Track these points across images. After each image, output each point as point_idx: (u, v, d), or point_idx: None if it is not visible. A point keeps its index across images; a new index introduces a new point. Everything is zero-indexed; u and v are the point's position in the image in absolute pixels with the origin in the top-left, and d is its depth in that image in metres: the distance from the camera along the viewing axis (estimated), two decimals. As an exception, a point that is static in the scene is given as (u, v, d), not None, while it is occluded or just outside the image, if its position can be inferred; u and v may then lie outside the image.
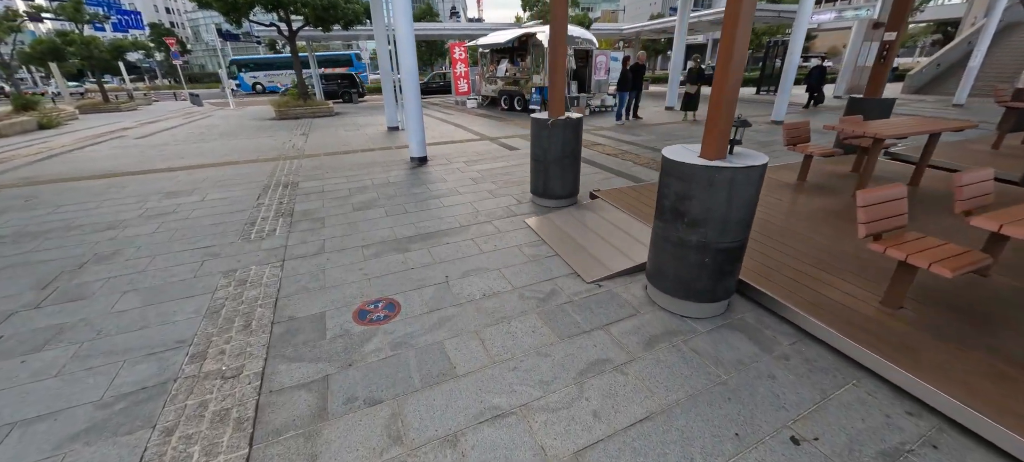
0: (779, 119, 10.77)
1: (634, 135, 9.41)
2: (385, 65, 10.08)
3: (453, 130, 10.60)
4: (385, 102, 10.70)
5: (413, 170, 6.54)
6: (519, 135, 9.53)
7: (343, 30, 15.36)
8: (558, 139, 4.47)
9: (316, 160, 7.38)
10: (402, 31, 6.14)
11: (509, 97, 14.73)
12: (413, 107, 6.61)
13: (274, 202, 5.10)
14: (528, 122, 11.43)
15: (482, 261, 3.50)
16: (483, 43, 14.82)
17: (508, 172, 6.31)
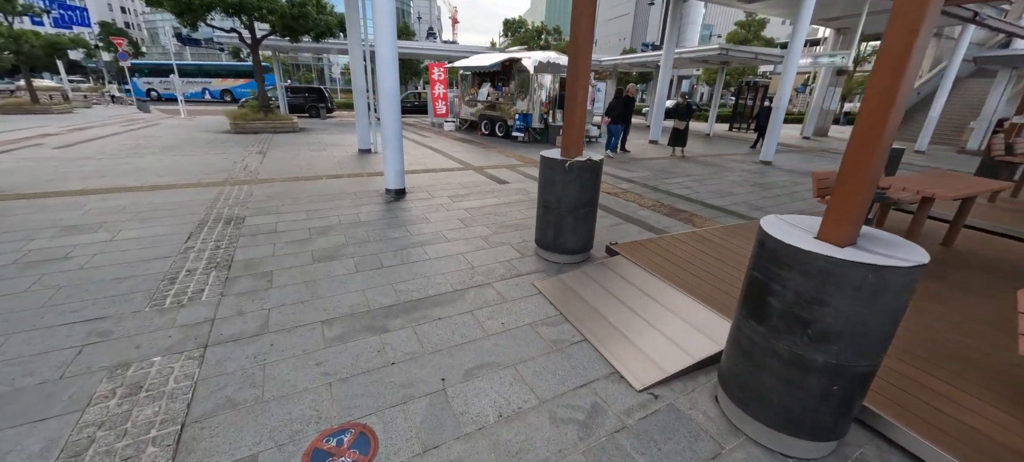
0: (767, 159, 10.60)
1: (628, 170, 8.85)
2: (359, 83, 9.13)
3: (431, 156, 9.69)
4: (357, 122, 9.68)
5: (389, 205, 5.57)
6: (506, 165, 8.75)
7: (314, 42, 14.29)
8: (575, 185, 3.69)
9: (271, 187, 6.26)
10: (384, 49, 5.28)
11: (490, 122, 14.04)
12: (392, 133, 5.70)
13: (209, 245, 3.99)
14: (513, 150, 10.71)
15: (489, 350, 2.60)
16: (465, 65, 14.16)
17: (501, 212, 5.47)
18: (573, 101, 3.66)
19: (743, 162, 10.80)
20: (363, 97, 9.28)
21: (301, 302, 3.06)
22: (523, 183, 7.17)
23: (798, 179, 8.81)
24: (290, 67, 68.13)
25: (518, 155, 10.18)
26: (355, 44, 8.90)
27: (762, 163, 10.60)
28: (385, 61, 5.36)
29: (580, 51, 3.50)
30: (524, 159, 9.63)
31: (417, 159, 9.12)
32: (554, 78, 12.46)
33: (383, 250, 4.05)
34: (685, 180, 8.18)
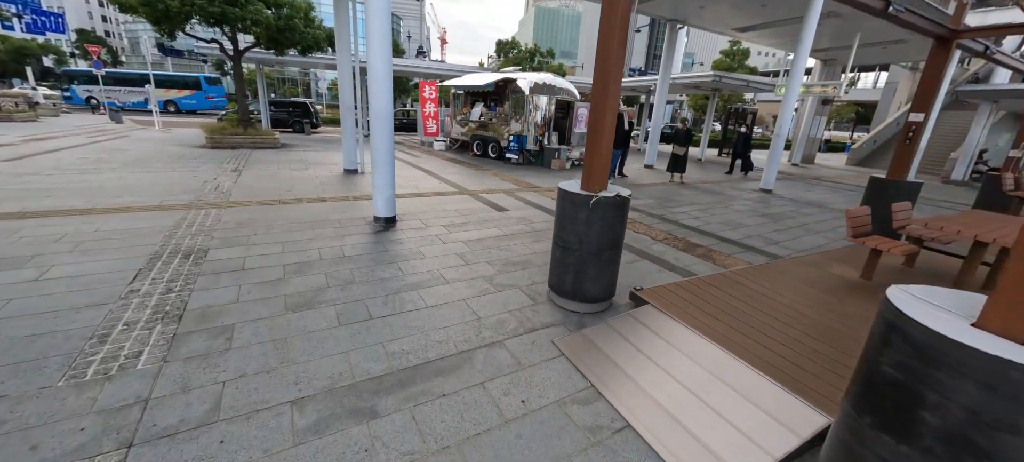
0: (767, 186, 10.38)
1: (633, 197, 8.45)
2: (347, 99, 8.58)
3: (423, 178, 9.13)
4: (343, 140, 9.08)
5: (378, 236, 4.96)
6: (502, 189, 8.24)
7: (300, 56, 13.73)
8: (601, 225, 3.18)
9: (244, 212, 5.58)
10: (378, 65, 4.79)
11: (483, 142, 13.60)
12: (383, 155, 5.15)
13: (158, 288, 3.32)
14: (508, 173, 10.23)
15: (510, 446, 2.01)
16: (458, 84, 13.78)
17: (504, 245, 4.92)
18: (598, 128, 3.18)
19: (743, 190, 10.55)
20: (350, 114, 8.72)
21: (267, 371, 2.42)
22: (524, 211, 6.66)
23: (804, 209, 8.54)
24: (276, 81, 67.43)
25: (514, 178, 9.70)
26: (344, 59, 8.38)
27: (762, 191, 10.36)
28: (379, 78, 4.84)
29: (610, 72, 3.04)
30: (521, 183, 9.15)
31: (408, 181, 8.55)
32: (550, 100, 12.14)
33: (371, 295, 3.44)
34: (691, 209, 7.80)
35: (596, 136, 3.19)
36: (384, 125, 5.04)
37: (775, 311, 3.41)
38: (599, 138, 3.18)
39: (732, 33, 13.36)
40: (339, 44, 8.38)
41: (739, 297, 3.65)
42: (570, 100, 12.84)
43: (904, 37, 12.96)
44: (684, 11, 11.90)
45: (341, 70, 8.44)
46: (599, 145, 3.19)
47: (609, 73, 3.04)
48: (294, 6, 12.26)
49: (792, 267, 4.63)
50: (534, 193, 8.14)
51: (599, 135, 3.17)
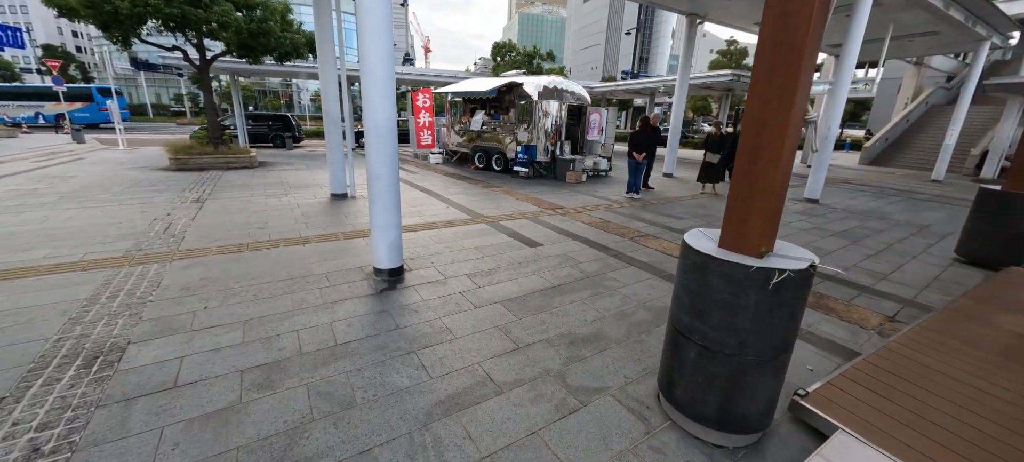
0: (814, 196, 9.24)
1: (673, 216, 7.20)
2: (332, 111, 7.19)
3: (425, 200, 7.77)
4: (329, 160, 7.66)
5: (382, 299, 3.59)
6: (523, 213, 6.92)
7: (277, 63, 12.27)
8: (778, 315, 1.87)
9: (196, 267, 4.16)
10: (377, 68, 3.47)
11: (485, 154, 12.28)
12: (386, 186, 3.79)
13: (19, 444, 1.91)
14: (521, 189, 8.88)
15: None
16: (455, 91, 12.46)
17: (558, 306, 3.59)
18: (770, 155, 1.87)
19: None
20: (336, 128, 7.33)
21: None
22: (561, 245, 5.34)
23: (870, 223, 7.39)
24: (256, 94, 65.28)
25: (531, 197, 8.39)
26: (327, 64, 7.00)
27: (808, 201, 9.22)
28: (377, 82, 3.51)
29: (802, 54, 1.74)
30: (541, 203, 7.84)
31: (409, 205, 7.18)
32: (561, 106, 10.90)
33: (385, 433, 2.07)
34: (748, 230, 6.57)
35: (764, 168, 1.89)
36: (386, 144, 3.69)
37: (962, 398, 2.18)
38: (770, 172, 1.88)
39: (753, 28, 12.34)
40: (321, 48, 7.00)
41: (918, 384, 2.41)
42: (581, 105, 11.62)
43: (936, 29, 12.05)
44: (706, 5, 10.79)
45: (324, 78, 7.05)
46: (769, 182, 1.89)
47: (800, 59, 1.74)
48: (269, 8, 10.83)
49: (950, 324, 3.40)
50: (561, 216, 6.83)
51: (772, 167, 1.87)
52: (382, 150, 3.69)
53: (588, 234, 5.86)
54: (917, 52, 16.54)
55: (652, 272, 4.49)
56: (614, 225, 6.45)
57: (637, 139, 8.55)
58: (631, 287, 4.05)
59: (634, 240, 5.67)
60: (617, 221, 6.72)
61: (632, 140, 8.60)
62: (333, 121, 7.18)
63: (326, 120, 7.20)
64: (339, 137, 7.39)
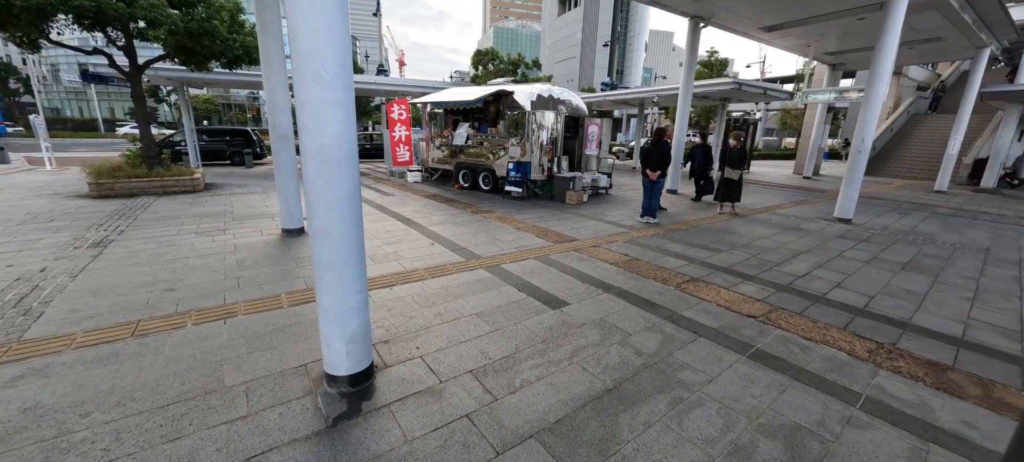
0: (846, 216, 8.23)
1: (708, 248, 5.95)
2: (281, 124, 5.64)
3: (403, 235, 6.27)
4: (278, 186, 6.05)
5: (333, 447, 2.10)
6: (529, 250, 5.53)
7: (226, 71, 10.56)
8: None
9: (32, 375, 2.55)
10: (321, 55, 2.00)
11: (471, 172, 10.87)
12: (343, 252, 2.33)
13: None
14: (518, 214, 7.46)
15: None
16: (436, 101, 11.05)
17: (631, 436, 2.19)
18: None
19: (812, 220, 8.36)
20: (287, 146, 5.78)
21: None
22: (593, 302, 3.96)
23: (931, 250, 6.36)
24: (221, 107, 61.92)
25: (532, 224, 7.01)
26: (273, 65, 5.49)
27: (840, 221, 8.21)
28: (321, 76, 2.07)
29: None
30: (547, 233, 6.48)
31: (383, 242, 5.68)
32: (557, 116, 9.64)
33: None
34: (804, 264, 5.39)
35: None
36: (339, 179, 2.24)
37: None
38: None
39: (757, 32, 11.53)
40: (264, 45, 5.47)
41: None
42: (579, 116, 10.40)
43: (941, 35, 11.51)
44: (711, 6, 9.82)
45: (269, 83, 5.52)
46: None
47: None
48: (213, 5, 9.18)
49: None
50: (576, 253, 5.47)
51: None
52: (333, 188, 2.23)
53: (619, 280, 4.51)
54: (909, 60, 16.25)
55: (733, 347, 3.16)
56: (645, 264, 5.14)
57: (651, 155, 7.33)
58: (718, 383, 2.71)
59: (681, 289, 4.36)
60: (646, 257, 5.41)
61: (645, 156, 7.38)
62: (282, 137, 5.64)
63: (273, 136, 5.64)
64: (291, 156, 5.84)
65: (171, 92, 44.58)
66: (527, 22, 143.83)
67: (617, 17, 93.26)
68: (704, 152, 10.08)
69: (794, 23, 10.56)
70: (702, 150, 10.10)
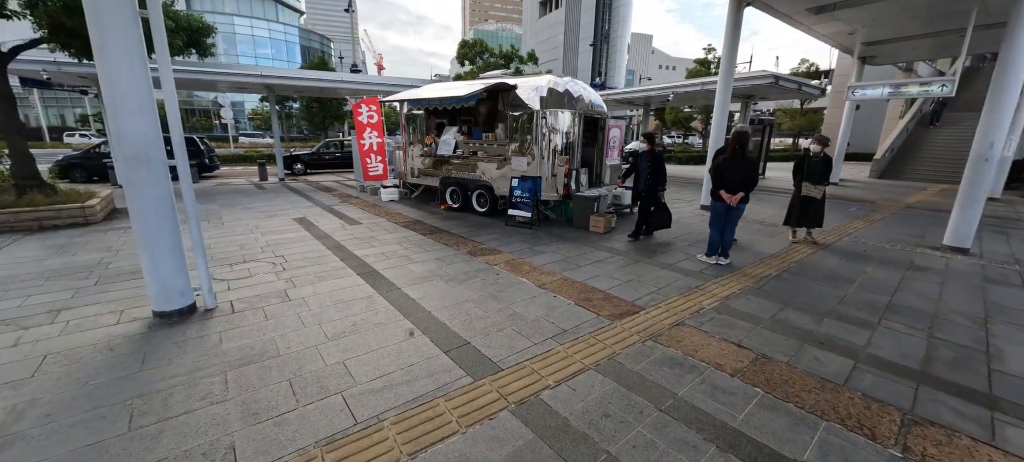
0: (962, 244, 6.26)
1: (848, 316, 3.79)
2: (135, 137, 3.21)
3: (362, 307, 3.92)
4: (141, 240, 3.59)
5: None
6: (581, 344, 3.27)
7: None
8: None
9: None
10: None
11: (461, 189, 8.56)
12: None
13: None
14: (530, 251, 5.08)
15: None
16: (416, 98, 8.70)
17: None
18: None
19: (917, 249, 6.37)
20: (150, 172, 3.34)
21: None
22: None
23: None
24: (183, 113, 57.57)
25: (564, 276, 4.75)
26: (110, 38, 3.08)
27: (954, 250, 6.23)
28: None
29: None
30: (594, 297, 4.23)
31: (323, 333, 3.33)
32: (574, 117, 7.44)
33: None
34: (1016, 348, 3.29)
35: None
36: None
37: None
38: None
39: (803, 15, 9.63)
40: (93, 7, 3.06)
41: None
42: (599, 116, 8.23)
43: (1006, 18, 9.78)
44: (759, -21, 7.80)
45: (104, 65, 3.08)
46: None
47: None
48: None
49: None
50: (661, 348, 3.24)
51: None
52: None
53: (776, 424, 2.30)
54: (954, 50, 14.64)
55: None
56: (789, 371, 2.94)
57: (729, 169, 5.13)
58: None
59: (904, 444, 2.17)
60: (778, 351, 3.21)
61: (720, 171, 5.20)
62: (136, 157, 3.21)
63: (120, 156, 3.20)
64: (161, 189, 3.42)
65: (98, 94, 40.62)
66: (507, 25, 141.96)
67: (600, 18, 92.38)
68: (654, 166, 6.40)
69: (854, 3, 8.65)
70: (651, 163, 6.41)
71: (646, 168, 6.42)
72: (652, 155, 6.44)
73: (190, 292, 3.64)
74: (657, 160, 6.46)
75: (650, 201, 6.48)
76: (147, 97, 3.15)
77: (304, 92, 19.07)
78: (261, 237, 6.41)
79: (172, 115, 3.27)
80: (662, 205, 6.52)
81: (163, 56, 3.17)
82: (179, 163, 3.38)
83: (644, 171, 6.45)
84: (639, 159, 6.63)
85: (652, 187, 6.41)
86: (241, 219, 7.76)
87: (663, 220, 6.55)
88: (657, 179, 6.41)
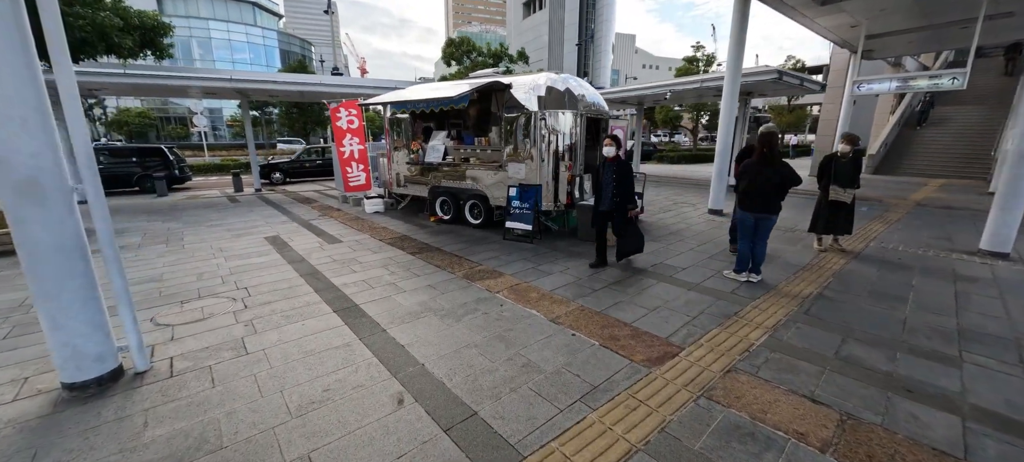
0: (1002, 249, 5.76)
1: (921, 350, 3.18)
2: (21, 159, 2.40)
3: (340, 358, 3.17)
4: (37, 294, 2.78)
5: None
6: (618, 409, 2.58)
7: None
8: None
9: None
10: None
11: (452, 199, 7.82)
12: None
13: None
14: (533, 273, 4.31)
15: None
16: (399, 101, 7.93)
17: None
18: None
19: (954, 255, 5.85)
20: (42, 208, 2.51)
21: None
22: None
23: None
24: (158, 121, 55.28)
25: (580, 304, 4.07)
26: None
27: (993, 255, 5.73)
28: None
29: None
30: (618, 331, 3.55)
31: (281, 402, 2.57)
32: (577, 118, 6.77)
33: None
34: None
35: None
36: None
37: None
38: None
39: (808, 7, 9.15)
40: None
41: None
42: (601, 116, 7.58)
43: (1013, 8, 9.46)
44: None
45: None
46: None
47: None
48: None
49: None
50: (719, 409, 2.56)
51: None
52: None
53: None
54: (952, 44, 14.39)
55: None
56: (894, 443, 2.29)
57: (761, 176, 4.51)
58: None
59: None
60: (856, 402, 2.57)
61: (751, 176, 4.57)
62: (26, 186, 2.40)
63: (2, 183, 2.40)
64: (61, 228, 2.58)
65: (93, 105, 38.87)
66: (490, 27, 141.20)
67: (585, 17, 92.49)
68: (621, 176, 5.00)
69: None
70: (617, 173, 4.99)
71: (611, 180, 4.96)
72: (618, 163, 4.98)
73: (112, 354, 2.83)
74: (624, 169, 4.98)
75: (620, 217, 5.07)
76: (36, 107, 2.35)
77: (280, 96, 18.08)
78: (225, 263, 5.57)
79: (75, 125, 2.47)
80: (633, 226, 5.23)
81: (58, 46, 2.37)
82: (88, 188, 2.56)
83: (608, 184, 4.98)
84: (602, 169, 5.10)
85: (622, 205, 5.01)
86: (205, 240, 6.89)
87: (635, 244, 5.28)
88: (626, 194, 5.00)
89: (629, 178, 5.04)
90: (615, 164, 5.00)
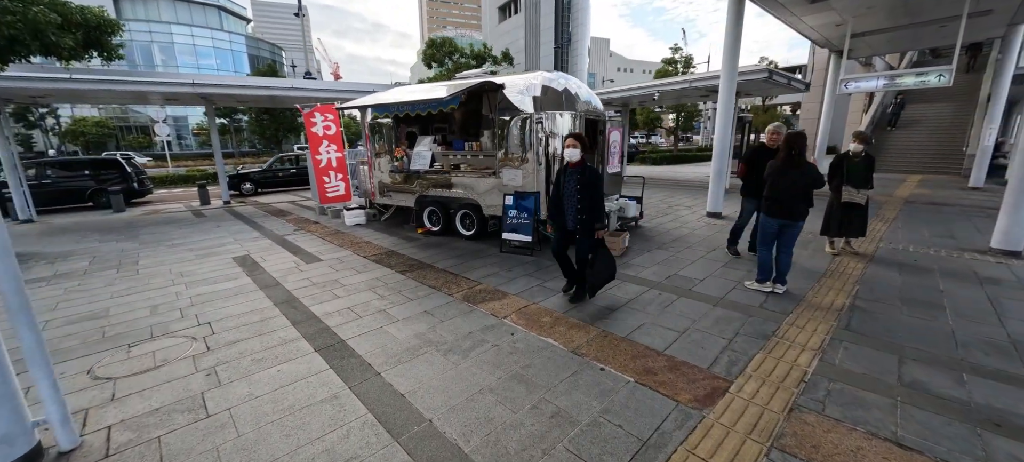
0: (1015, 248, 5.62)
1: (980, 369, 2.86)
2: None
3: (329, 417, 2.59)
4: None
5: None
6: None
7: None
8: None
9: None
10: None
11: (441, 208, 7.26)
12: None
13: None
14: (537, 292, 3.71)
15: None
16: (381, 104, 7.33)
17: None
18: None
19: (968, 256, 5.69)
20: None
21: None
22: None
23: None
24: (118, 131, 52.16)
25: (602, 329, 3.59)
26: None
27: (1006, 254, 5.58)
28: None
29: None
30: (651, 364, 3.10)
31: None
32: (576, 119, 6.34)
33: None
34: None
35: None
36: None
37: None
38: None
39: (797, 6, 9.04)
40: None
41: None
42: (598, 118, 7.18)
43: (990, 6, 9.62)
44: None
45: None
46: None
47: None
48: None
49: None
50: (793, 463, 2.12)
51: None
52: None
53: None
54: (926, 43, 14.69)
55: None
56: None
57: (785, 180, 4.12)
58: None
59: None
60: (946, 443, 2.19)
61: (776, 181, 4.19)
62: None
63: None
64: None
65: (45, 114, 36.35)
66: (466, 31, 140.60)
67: (560, 21, 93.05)
68: (586, 185, 3.93)
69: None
70: (581, 181, 3.94)
71: (574, 191, 3.93)
72: (583, 169, 3.94)
73: (27, 431, 2.18)
74: (591, 178, 3.91)
75: (586, 247, 4.06)
76: None
77: (249, 102, 17.07)
78: (185, 291, 4.86)
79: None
80: (603, 249, 4.07)
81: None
82: None
83: (572, 197, 3.96)
84: (562, 176, 4.07)
85: (588, 223, 3.94)
86: (164, 263, 6.12)
87: (607, 272, 4.11)
88: (593, 210, 3.92)
89: (597, 189, 3.91)
90: (580, 171, 3.91)
